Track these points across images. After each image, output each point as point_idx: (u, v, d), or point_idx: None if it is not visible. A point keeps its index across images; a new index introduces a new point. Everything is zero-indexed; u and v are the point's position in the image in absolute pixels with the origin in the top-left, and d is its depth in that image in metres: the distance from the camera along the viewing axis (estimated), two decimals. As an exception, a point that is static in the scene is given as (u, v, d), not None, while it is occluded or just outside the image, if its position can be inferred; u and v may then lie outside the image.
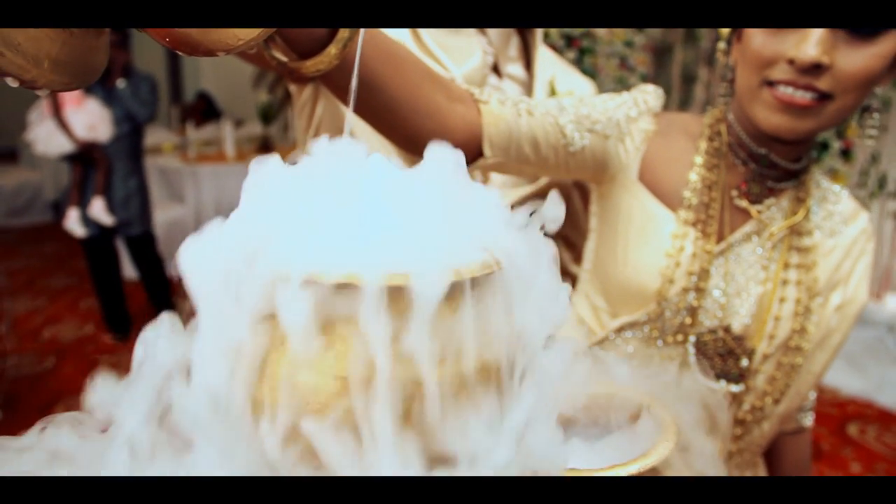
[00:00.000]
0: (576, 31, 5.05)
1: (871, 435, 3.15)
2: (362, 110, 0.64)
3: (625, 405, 0.45)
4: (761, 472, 0.95)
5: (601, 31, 5.07)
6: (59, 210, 6.40)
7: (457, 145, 0.74)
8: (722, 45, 0.83)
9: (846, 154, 4.18)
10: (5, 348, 3.58)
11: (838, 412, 3.36)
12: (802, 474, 0.98)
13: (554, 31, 5.02)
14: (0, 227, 6.13)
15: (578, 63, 5.11)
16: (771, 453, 0.98)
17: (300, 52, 0.56)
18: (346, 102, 0.65)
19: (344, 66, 0.56)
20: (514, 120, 0.75)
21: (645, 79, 5.11)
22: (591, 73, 5.14)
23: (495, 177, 1.00)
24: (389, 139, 0.68)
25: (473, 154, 0.74)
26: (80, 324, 4.00)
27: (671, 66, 5.06)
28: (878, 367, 3.75)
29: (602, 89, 4.74)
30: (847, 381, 3.62)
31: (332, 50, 0.53)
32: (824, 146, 4.22)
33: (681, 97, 5.03)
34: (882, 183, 4.22)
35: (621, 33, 4.99)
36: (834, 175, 4.22)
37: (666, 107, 0.88)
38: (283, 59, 0.57)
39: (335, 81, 0.59)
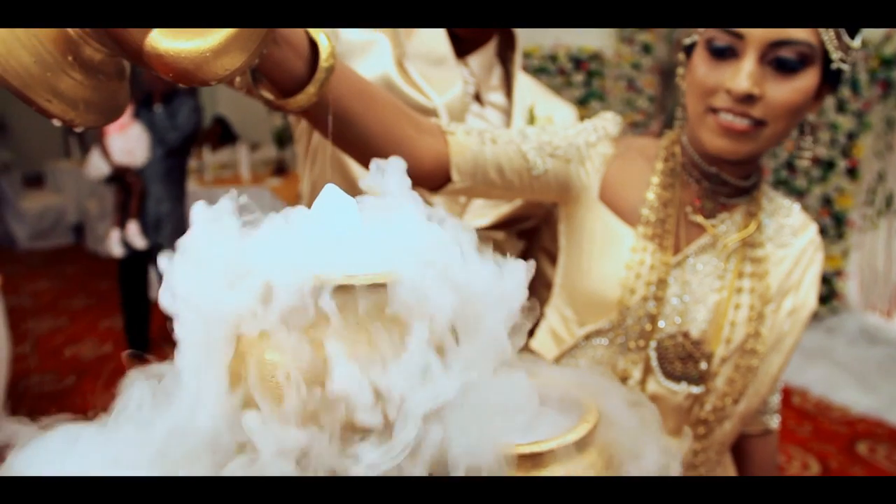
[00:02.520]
0: (584, 54, 5.15)
1: (881, 454, 3.13)
2: (339, 142, 0.73)
3: (552, 393, 0.52)
4: (730, 470, 1.01)
5: (609, 54, 5.17)
6: (80, 233, 6.59)
7: (426, 173, 0.82)
8: (681, 70, 0.91)
9: (852, 172, 4.20)
10: (29, 367, 3.71)
11: (848, 430, 3.34)
12: (769, 475, 1.03)
13: (563, 55, 5.13)
14: (25, 250, 6.31)
15: (587, 86, 5.21)
16: (739, 455, 1.04)
17: (284, 91, 0.65)
18: (325, 135, 0.74)
19: (322, 103, 0.64)
20: (479, 148, 0.84)
21: (652, 100, 5.19)
22: (599, 95, 5.23)
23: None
24: (365, 167, 0.76)
25: (442, 180, 0.83)
26: (100, 343, 4.11)
27: (678, 88, 5.14)
28: (888, 386, 3.72)
29: (610, 111, 4.78)
30: (857, 399, 3.60)
31: (311, 89, 0.61)
32: (830, 165, 4.25)
33: (688, 118, 5.07)
34: (889, 201, 4.23)
35: (629, 56, 5.08)
36: (840, 193, 4.24)
37: (673, 127, 0.96)
38: (270, 96, 0.66)
39: (315, 116, 0.67)
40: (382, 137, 0.72)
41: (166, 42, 0.43)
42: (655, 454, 0.54)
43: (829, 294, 4.36)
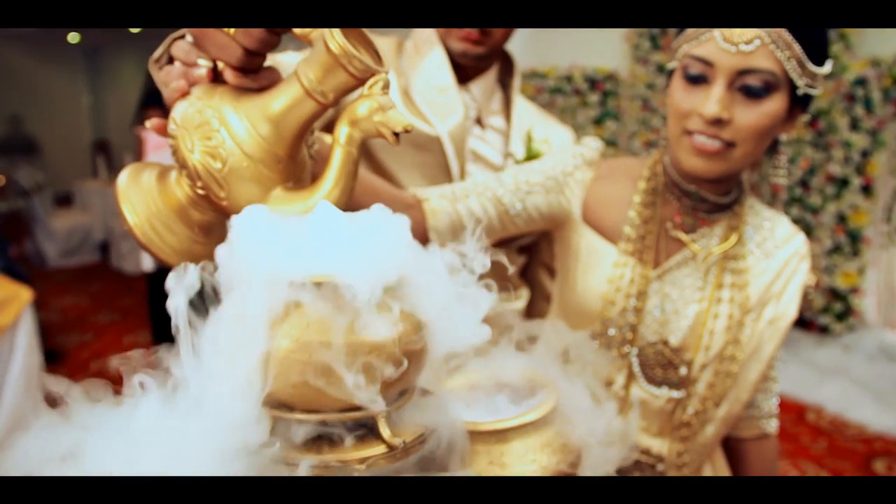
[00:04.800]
0: (599, 75, 5.22)
1: (899, 472, 3.11)
2: None
3: (521, 381, 0.59)
4: (722, 472, 1.05)
5: (624, 74, 5.23)
6: (105, 251, 6.77)
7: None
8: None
9: (867, 190, 4.20)
10: (56, 379, 3.83)
11: (864, 448, 3.32)
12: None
13: (578, 75, 5.21)
14: (54, 267, 6.49)
15: (602, 106, 5.27)
16: (735, 458, 1.08)
17: None
18: None
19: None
20: (452, 208, 0.94)
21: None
22: (614, 115, 5.29)
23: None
24: None
25: (425, 242, 0.92)
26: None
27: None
28: (906, 403, 3.69)
29: (625, 130, 4.81)
30: (874, 417, 3.56)
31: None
32: (844, 182, 4.26)
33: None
34: (905, 218, 4.22)
35: (643, 76, 5.13)
36: (855, 211, 4.24)
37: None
38: None
39: None
40: None
41: (283, 210, 0.54)
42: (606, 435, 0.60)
43: (845, 311, 4.34)
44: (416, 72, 1.17)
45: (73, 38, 8.80)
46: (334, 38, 0.50)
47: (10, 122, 8.57)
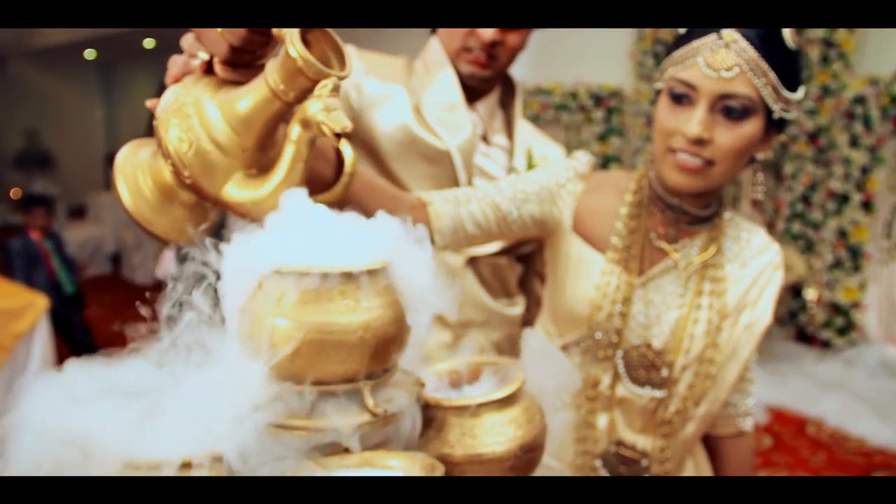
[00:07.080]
0: (604, 92, 5.30)
1: (899, 485, 3.13)
2: None
3: (492, 367, 0.68)
4: (703, 468, 1.12)
5: (628, 91, 5.31)
6: (117, 262, 6.88)
7: None
8: None
9: (867, 206, 4.26)
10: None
11: (864, 461, 3.35)
12: (745, 474, 1.14)
13: (583, 92, 5.30)
14: (67, 279, 6.60)
15: (606, 122, 5.35)
16: (715, 455, 1.14)
17: (315, 191, 0.80)
18: None
19: (344, 198, 0.79)
20: (455, 211, 1.00)
21: (670, 135, 5.29)
22: (618, 131, 5.37)
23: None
24: None
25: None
26: (135, 367, 4.29)
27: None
28: (907, 418, 3.72)
29: (629, 146, 4.87)
30: (874, 431, 3.59)
31: (338, 189, 0.69)
32: (844, 198, 4.32)
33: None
34: (905, 234, 4.27)
35: (647, 93, 5.21)
36: (855, 226, 4.30)
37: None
38: None
39: (337, 207, 0.83)
40: None
41: (237, 194, 0.60)
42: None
43: (846, 326, 4.38)
44: (427, 90, 1.25)
45: (89, 54, 8.99)
46: (293, 44, 0.55)
47: (27, 137, 8.76)
